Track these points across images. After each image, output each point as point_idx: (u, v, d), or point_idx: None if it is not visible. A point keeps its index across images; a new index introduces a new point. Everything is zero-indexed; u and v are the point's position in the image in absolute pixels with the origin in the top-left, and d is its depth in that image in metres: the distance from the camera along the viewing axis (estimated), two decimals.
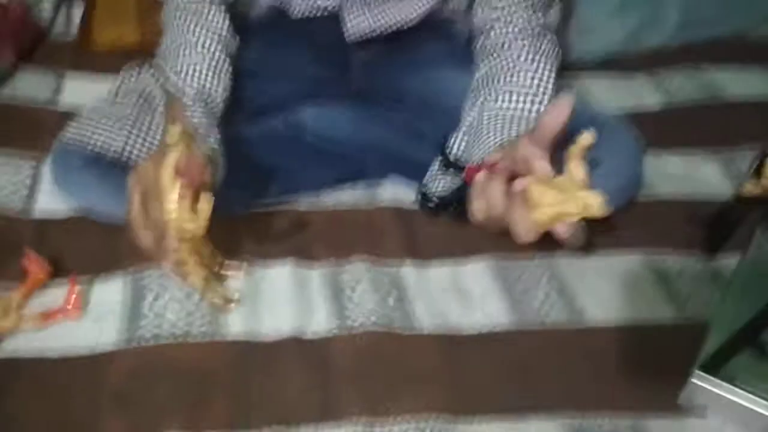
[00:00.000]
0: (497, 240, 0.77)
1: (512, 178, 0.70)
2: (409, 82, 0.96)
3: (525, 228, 0.67)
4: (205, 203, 0.68)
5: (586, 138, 0.67)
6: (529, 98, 0.82)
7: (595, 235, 0.85)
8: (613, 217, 0.86)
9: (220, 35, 0.86)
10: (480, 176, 0.71)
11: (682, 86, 1.15)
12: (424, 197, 0.81)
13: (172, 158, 0.68)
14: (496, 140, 0.78)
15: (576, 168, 0.68)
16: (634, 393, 0.70)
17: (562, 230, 0.67)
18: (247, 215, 0.87)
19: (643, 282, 0.82)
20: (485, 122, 0.81)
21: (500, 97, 0.82)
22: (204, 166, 0.69)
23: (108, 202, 0.82)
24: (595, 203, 0.66)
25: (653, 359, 0.74)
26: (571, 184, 0.67)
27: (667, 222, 0.89)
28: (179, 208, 0.68)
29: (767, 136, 1.00)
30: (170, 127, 0.70)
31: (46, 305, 0.75)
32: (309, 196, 0.92)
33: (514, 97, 0.82)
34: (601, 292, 0.81)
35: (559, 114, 0.68)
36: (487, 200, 0.70)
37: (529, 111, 0.81)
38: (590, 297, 0.80)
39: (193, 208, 0.69)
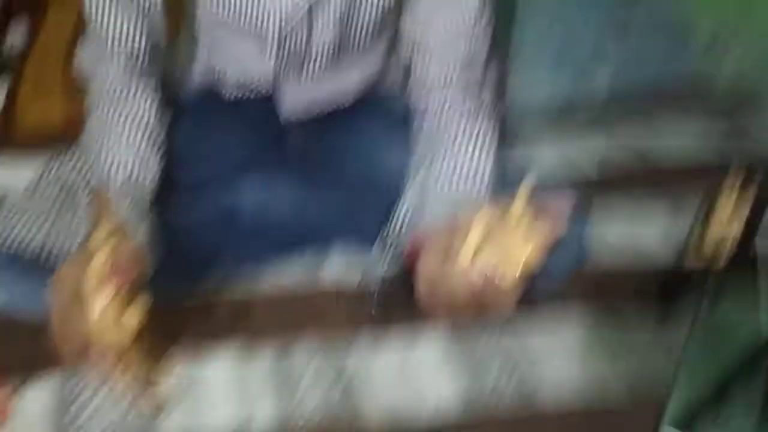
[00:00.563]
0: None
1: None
2: (346, 161, 0.94)
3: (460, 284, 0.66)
4: (132, 317, 0.64)
5: (528, 184, 0.67)
6: (469, 182, 0.81)
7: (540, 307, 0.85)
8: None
9: (146, 124, 0.82)
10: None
11: (623, 138, 1.16)
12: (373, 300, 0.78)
13: (96, 263, 0.64)
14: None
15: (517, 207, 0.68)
16: None
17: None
18: (184, 309, 0.83)
19: (595, 359, 0.81)
20: (428, 205, 0.80)
21: (440, 181, 0.81)
22: (132, 268, 0.65)
23: (30, 302, 0.76)
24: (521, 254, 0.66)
25: None
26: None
27: (611, 291, 0.88)
28: (103, 318, 0.64)
29: (705, 198, 1.01)
30: (94, 231, 0.67)
31: None
32: (247, 280, 0.89)
33: (455, 181, 0.81)
34: (553, 371, 0.79)
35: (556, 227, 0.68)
36: (428, 281, 0.69)
37: (470, 193, 0.80)
38: (542, 379, 0.78)
39: (121, 312, 0.65)
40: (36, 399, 0.72)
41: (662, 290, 0.86)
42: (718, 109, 1.24)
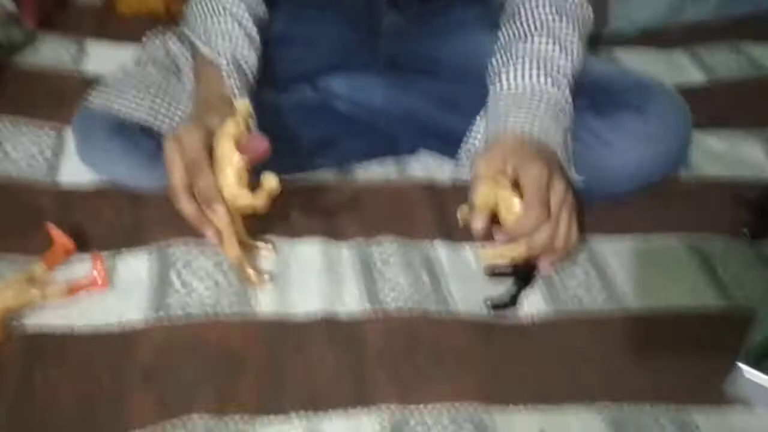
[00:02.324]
0: None
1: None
2: (441, 49, 0.92)
3: None
4: (272, 181, 0.66)
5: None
6: (540, 68, 0.77)
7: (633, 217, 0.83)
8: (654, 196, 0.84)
9: (248, 3, 0.82)
10: None
11: (723, 63, 1.11)
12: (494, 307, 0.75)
13: (233, 129, 0.66)
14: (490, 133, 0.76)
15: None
16: (676, 382, 0.68)
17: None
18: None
19: (686, 266, 0.79)
20: (490, 106, 0.79)
21: (508, 70, 0.79)
22: (266, 140, 0.67)
23: (133, 171, 0.80)
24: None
25: (696, 347, 0.71)
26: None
27: (710, 203, 0.86)
28: (238, 181, 0.66)
29: None
30: (238, 100, 0.69)
31: (71, 278, 0.73)
32: (339, 169, 0.90)
33: (521, 70, 0.78)
34: (642, 276, 0.78)
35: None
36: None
37: (535, 84, 0.77)
38: (631, 281, 0.77)
39: (250, 179, 0.68)
40: (134, 267, 0.75)
41: (762, 202, 0.83)
42: None
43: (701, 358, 0.70)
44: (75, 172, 0.84)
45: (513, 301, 0.74)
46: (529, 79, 0.77)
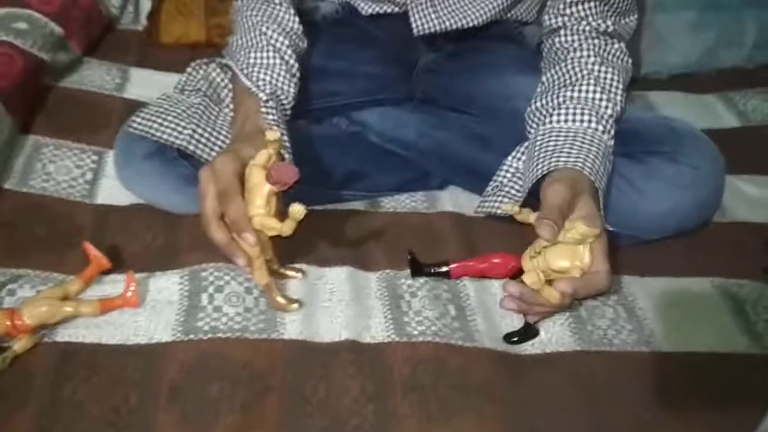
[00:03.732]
0: None
1: None
2: (476, 86, 0.93)
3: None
4: (299, 211, 0.67)
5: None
6: (587, 113, 0.79)
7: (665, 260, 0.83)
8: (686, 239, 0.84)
9: (290, 35, 0.84)
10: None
11: (757, 108, 1.11)
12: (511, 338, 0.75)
13: (264, 158, 0.67)
14: (542, 166, 0.76)
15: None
16: (704, 426, 0.67)
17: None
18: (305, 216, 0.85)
19: (717, 310, 0.78)
20: (539, 142, 0.79)
21: (556, 113, 0.80)
22: (295, 170, 0.68)
23: (170, 195, 0.81)
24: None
25: (725, 391, 0.70)
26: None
27: (743, 248, 0.85)
28: (267, 209, 0.67)
29: None
30: (270, 129, 0.70)
31: (105, 294, 0.74)
32: (369, 199, 0.91)
33: (570, 113, 0.79)
34: (672, 318, 0.77)
35: None
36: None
37: (587, 127, 0.78)
38: (660, 323, 0.76)
39: (280, 208, 0.69)
40: (167, 288, 0.76)
41: None
42: None
43: (731, 404, 0.69)
44: (113, 194, 0.86)
45: (527, 333, 0.74)
46: (580, 122, 0.79)
